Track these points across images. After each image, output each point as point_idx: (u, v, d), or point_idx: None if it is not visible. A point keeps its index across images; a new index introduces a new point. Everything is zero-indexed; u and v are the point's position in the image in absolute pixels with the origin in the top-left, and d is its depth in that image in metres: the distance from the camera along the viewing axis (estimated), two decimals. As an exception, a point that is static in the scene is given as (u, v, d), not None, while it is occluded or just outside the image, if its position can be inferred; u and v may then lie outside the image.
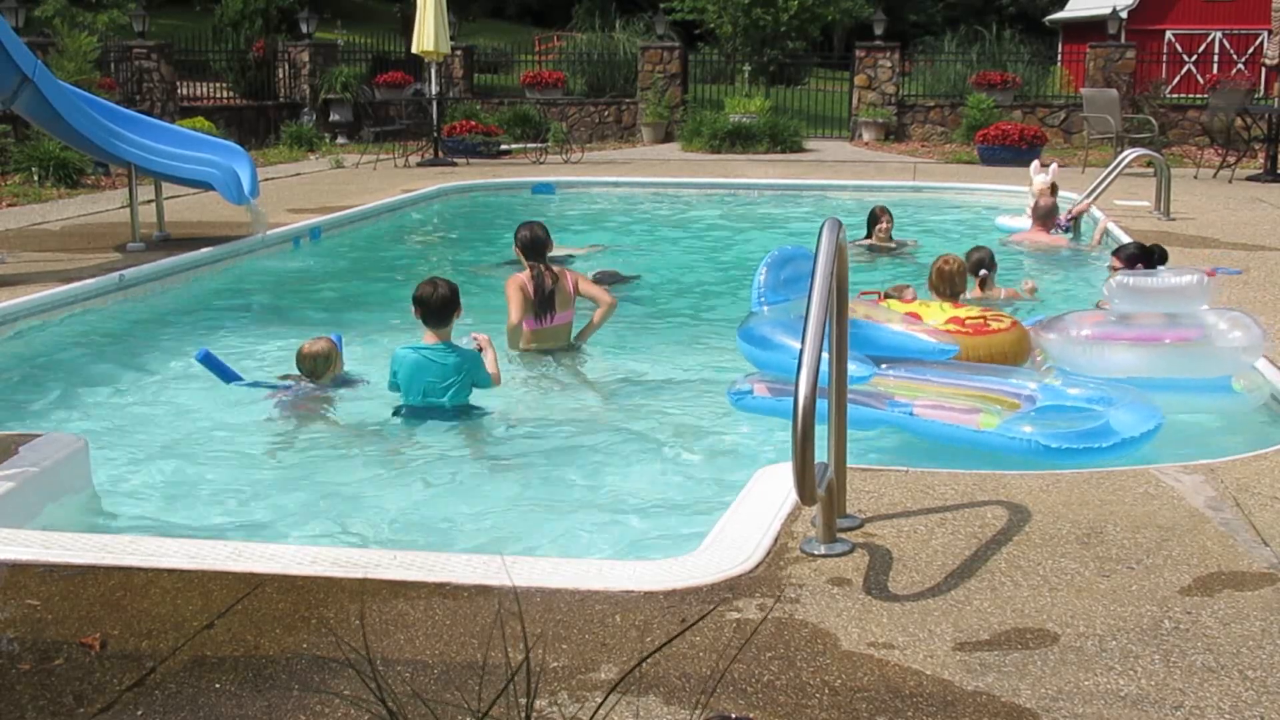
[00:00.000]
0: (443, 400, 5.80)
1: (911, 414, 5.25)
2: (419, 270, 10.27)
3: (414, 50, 17.60)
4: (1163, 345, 5.71)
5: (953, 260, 6.73)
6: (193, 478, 5.16)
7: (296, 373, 6.17)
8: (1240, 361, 5.72)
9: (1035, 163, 12.12)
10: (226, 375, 6.21)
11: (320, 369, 6.10)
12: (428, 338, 5.84)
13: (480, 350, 5.93)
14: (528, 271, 6.90)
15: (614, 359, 7.15)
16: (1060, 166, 12.25)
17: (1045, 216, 10.72)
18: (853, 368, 5.13)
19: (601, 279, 8.81)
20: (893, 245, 10.51)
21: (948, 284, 6.62)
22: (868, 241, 10.42)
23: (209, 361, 6.15)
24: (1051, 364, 5.96)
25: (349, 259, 11.01)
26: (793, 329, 5.48)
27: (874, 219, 10.51)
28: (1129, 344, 5.74)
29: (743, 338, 5.84)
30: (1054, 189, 11.32)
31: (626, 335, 7.72)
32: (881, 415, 5.31)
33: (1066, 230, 11.06)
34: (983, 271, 7.94)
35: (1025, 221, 11.28)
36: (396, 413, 5.85)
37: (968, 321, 6.18)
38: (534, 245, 6.92)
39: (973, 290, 7.67)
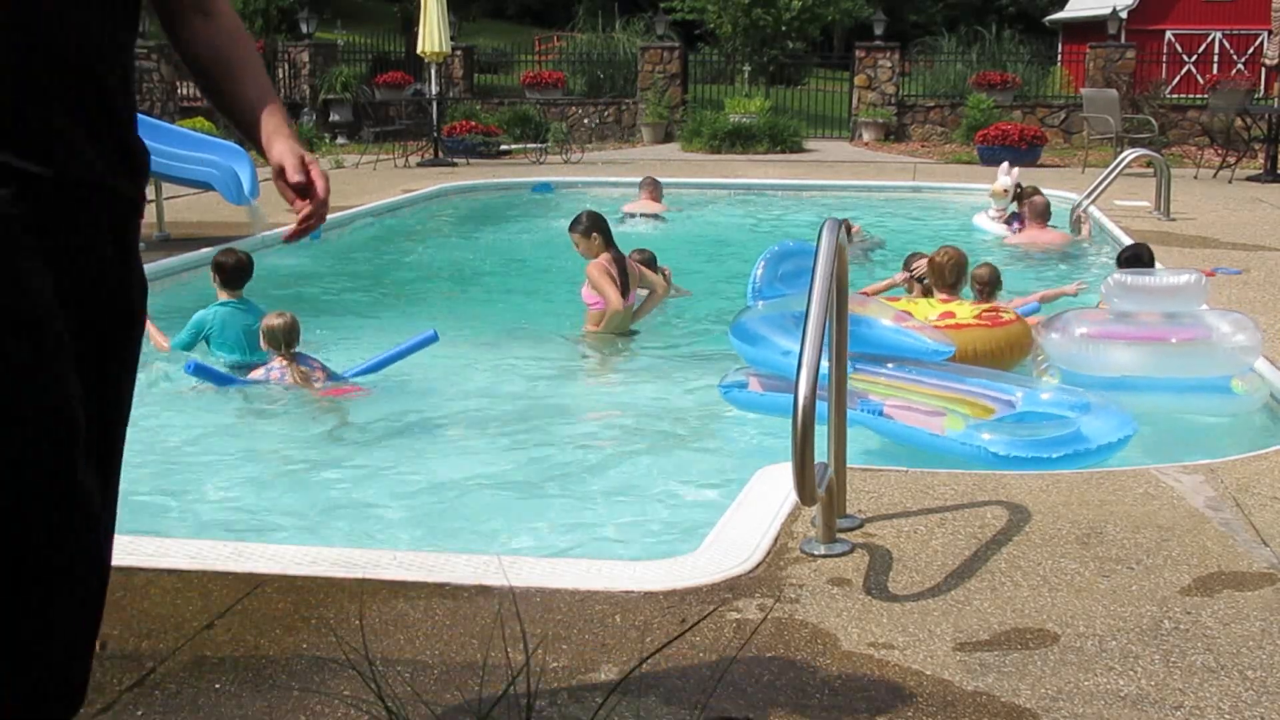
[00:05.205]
0: (249, 353, 6.37)
1: (881, 414, 5.21)
2: (418, 270, 10.30)
3: (419, 51, 17.59)
4: (1161, 344, 5.70)
5: (953, 252, 6.66)
6: (192, 478, 5.16)
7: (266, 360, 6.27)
8: (1239, 361, 5.71)
9: (1004, 164, 12.32)
10: (221, 380, 6.26)
11: (278, 341, 6.16)
12: (229, 296, 6.61)
13: None
14: (608, 254, 7.11)
15: (613, 358, 7.14)
16: (1061, 167, 12.26)
17: (1041, 214, 10.89)
18: (827, 366, 5.10)
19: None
20: (867, 242, 10.48)
21: (953, 274, 6.56)
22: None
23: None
24: (1049, 363, 5.95)
25: (349, 259, 11.00)
26: (781, 325, 5.46)
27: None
28: (1128, 343, 5.73)
29: (734, 333, 5.81)
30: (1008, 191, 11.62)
31: (626, 333, 7.72)
32: (849, 415, 5.25)
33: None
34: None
35: (1000, 227, 11.35)
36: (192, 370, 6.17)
37: (983, 314, 6.16)
38: (605, 226, 7.21)
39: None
